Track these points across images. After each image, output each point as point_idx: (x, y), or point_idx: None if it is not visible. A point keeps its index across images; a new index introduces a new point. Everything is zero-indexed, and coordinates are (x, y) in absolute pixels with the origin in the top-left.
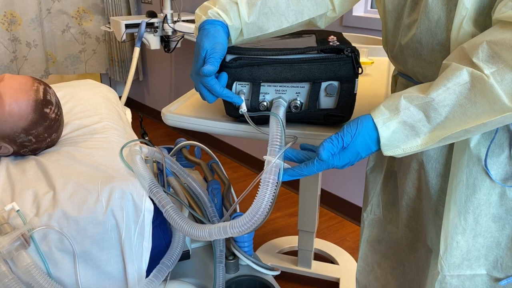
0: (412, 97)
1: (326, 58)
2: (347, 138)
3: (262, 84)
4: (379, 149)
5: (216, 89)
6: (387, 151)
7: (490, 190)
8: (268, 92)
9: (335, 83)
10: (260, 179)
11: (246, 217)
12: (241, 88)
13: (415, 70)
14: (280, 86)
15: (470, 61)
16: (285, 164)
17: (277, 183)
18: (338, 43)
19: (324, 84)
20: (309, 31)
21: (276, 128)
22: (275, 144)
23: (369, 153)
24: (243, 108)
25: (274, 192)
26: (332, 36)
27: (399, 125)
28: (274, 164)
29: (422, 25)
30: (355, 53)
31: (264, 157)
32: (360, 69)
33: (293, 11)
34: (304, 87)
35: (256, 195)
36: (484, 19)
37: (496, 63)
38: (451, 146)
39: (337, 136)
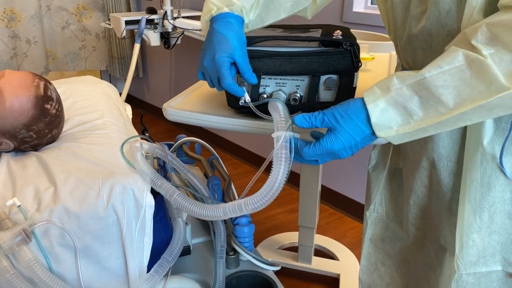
0: (405, 77)
1: (325, 51)
2: (329, 113)
3: (262, 76)
4: (372, 132)
5: (229, 80)
6: (380, 132)
7: (504, 188)
8: (269, 85)
9: (334, 76)
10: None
11: (261, 193)
12: (243, 80)
13: (424, 62)
14: (280, 79)
15: (470, 44)
16: (295, 134)
17: (290, 158)
18: (341, 38)
19: (323, 78)
20: (316, 25)
21: (282, 107)
22: (282, 120)
23: (363, 137)
24: (247, 98)
25: (288, 166)
26: (337, 31)
27: (390, 104)
28: (284, 139)
29: (432, 16)
30: (354, 47)
31: (272, 134)
32: (359, 63)
33: (291, 1)
34: (304, 80)
35: (271, 171)
36: (494, 10)
37: (495, 45)
38: (462, 144)
39: (320, 111)
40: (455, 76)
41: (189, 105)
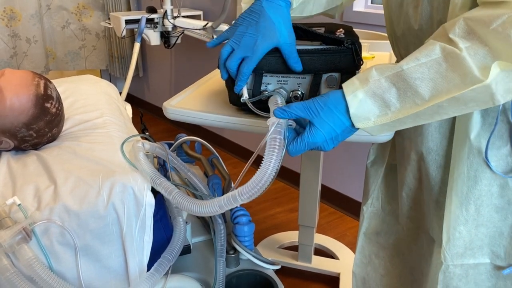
0: (383, 69)
1: (327, 49)
2: (310, 103)
3: (264, 74)
4: (352, 123)
5: (250, 70)
6: (358, 123)
7: (491, 181)
8: (270, 83)
9: (336, 74)
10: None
11: (254, 180)
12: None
13: None
14: (282, 77)
15: (447, 37)
16: (290, 122)
17: (284, 143)
18: (343, 36)
19: (325, 76)
20: (319, 24)
21: (280, 100)
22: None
23: (344, 128)
24: (245, 95)
25: (282, 152)
26: (340, 29)
27: (369, 95)
28: (277, 124)
29: (423, 11)
30: (356, 45)
31: (267, 121)
32: (361, 61)
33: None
34: (305, 78)
35: (263, 158)
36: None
37: (472, 39)
38: (450, 138)
39: (300, 102)
40: (431, 69)
41: (189, 103)
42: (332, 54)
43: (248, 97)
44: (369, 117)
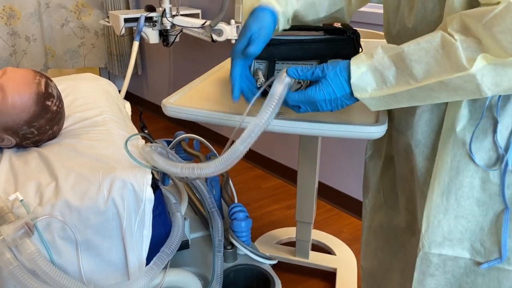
0: (388, 48)
1: (332, 39)
2: (320, 67)
3: (277, 62)
4: (351, 91)
5: (258, 49)
6: (356, 92)
7: (473, 174)
8: (282, 69)
9: (340, 60)
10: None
11: (258, 118)
12: (259, 66)
13: None
14: (292, 64)
15: (447, 31)
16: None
17: (280, 101)
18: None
19: (330, 61)
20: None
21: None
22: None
23: (343, 94)
24: (261, 79)
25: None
26: (337, 24)
27: (370, 69)
28: (285, 80)
29: (418, 13)
30: (356, 34)
31: (274, 76)
32: (360, 49)
33: (327, 1)
34: (312, 64)
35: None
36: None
37: (466, 34)
38: (439, 132)
39: (313, 65)
40: (429, 53)
41: (188, 101)
42: (337, 42)
43: (264, 80)
44: (366, 88)
